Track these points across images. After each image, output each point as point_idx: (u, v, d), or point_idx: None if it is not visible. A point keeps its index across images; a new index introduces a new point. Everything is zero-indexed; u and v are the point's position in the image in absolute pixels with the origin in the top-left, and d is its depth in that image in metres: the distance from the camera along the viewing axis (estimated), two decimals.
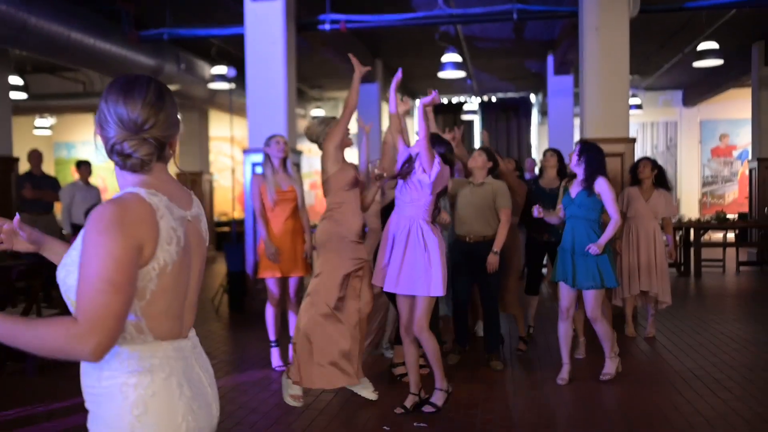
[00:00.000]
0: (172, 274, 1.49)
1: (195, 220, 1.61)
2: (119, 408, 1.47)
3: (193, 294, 1.62)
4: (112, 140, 1.50)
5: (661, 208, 6.01)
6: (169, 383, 1.50)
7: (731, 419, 3.90)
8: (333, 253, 4.15)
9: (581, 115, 7.35)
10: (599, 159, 4.62)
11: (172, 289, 1.51)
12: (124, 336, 1.47)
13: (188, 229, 1.56)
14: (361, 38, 10.59)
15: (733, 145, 15.69)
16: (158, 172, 1.56)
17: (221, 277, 8.48)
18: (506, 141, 16.04)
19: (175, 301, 1.54)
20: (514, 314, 5.91)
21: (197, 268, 1.62)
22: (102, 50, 8.21)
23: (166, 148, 1.57)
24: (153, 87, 1.53)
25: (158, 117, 1.51)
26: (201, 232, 1.63)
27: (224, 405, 4.24)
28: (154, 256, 1.45)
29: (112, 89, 1.52)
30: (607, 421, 3.96)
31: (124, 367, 1.48)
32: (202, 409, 1.57)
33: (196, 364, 1.61)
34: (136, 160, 1.50)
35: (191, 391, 1.54)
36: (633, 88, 13.93)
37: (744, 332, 6.22)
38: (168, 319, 1.53)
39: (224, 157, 16.80)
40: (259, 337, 6.17)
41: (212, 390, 1.65)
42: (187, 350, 1.59)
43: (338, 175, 4.17)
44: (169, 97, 1.56)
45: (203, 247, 1.65)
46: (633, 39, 7.19)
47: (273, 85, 7.44)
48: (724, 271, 10.70)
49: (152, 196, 1.48)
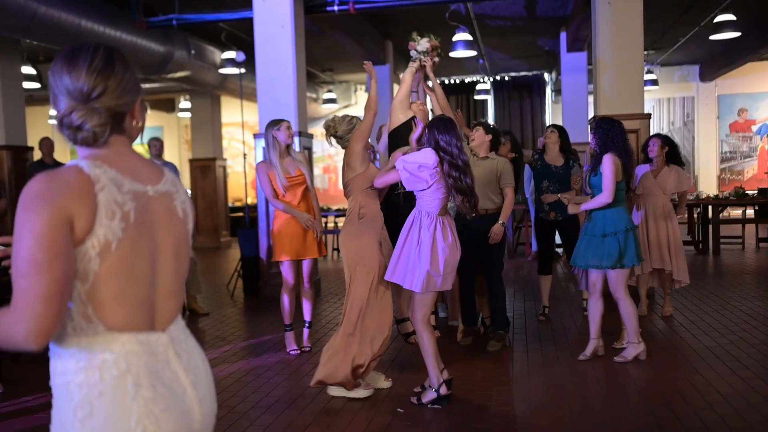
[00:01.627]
0: (119, 255, 1.33)
1: (162, 196, 1.46)
2: (64, 409, 1.34)
3: (168, 280, 1.45)
4: (60, 113, 1.38)
5: (672, 183, 5.88)
6: (121, 382, 1.32)
7: (750, 397, 3.85)
8: (368, 253, 4.09)
9: (594, 92, 7.24)
10: (610, 134, 4.56)
11: (125, 271, 1.35)
12: (73, 326, 1.33)
13: (150, 205, 1.42)
14: (371, 20, 10.49)
15: (752, 120, 15.42)
16: (117, 146, 1.43)
17: (236, 262, 8.50)
18: (519, 120, 15.88)
19: (132, 285, 1.37)
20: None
21: (168, 250, 1.45)
22: (112, 38, 8.19)
23: (125, 118, 1.44)
24: (101, 53, 1.40)
25: (107, 84, 1.38)
26: (173, 210, 1.48)
27: (239, 389, 4.31)
28: (92, 232, 1.30)
29: (57, 60, 1.40)
30: (622, 400, 3.93)
31: (74, 361, 1.34)
32: (171, 412, 1.38)
33: (176, 360, 1.44)
34: (86, 132, 1.38)
35: (153, 392, 1.36)
36: (648, 63, 13.71)
37: (764, 310, 6.13)
38: (123, 307, 1.36)
39: (237, 143, 16.82)
40: (273, 321, 6.19)
41: (198, 391, 1.47)
42: (160, 345, 1.41)
43: (365, 175, 4.18)
44: (121, 63, 1.43)
45: (179, 227, 1.49)
46: (647, 13, 7.05)
47: (282, 68, 7.41)
48: (743, 248, 10.56)
49: (95, 168, 1.35)
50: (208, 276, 9.37)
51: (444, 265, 3.80)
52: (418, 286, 3.79)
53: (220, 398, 4.14)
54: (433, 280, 3.80)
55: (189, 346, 1.51)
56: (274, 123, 5.08)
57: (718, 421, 3.51)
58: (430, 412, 3.81)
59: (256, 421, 3.75)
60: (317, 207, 5.20)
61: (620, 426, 3.55)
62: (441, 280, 3.82)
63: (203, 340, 5.85)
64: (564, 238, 5.95)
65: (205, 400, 1.50)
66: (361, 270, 4.05)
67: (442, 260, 3.79)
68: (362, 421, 3.71)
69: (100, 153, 1.41)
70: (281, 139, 5.03)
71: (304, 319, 5.28)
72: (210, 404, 1.52)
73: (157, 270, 1.43)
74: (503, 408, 3.86)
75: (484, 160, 5.21)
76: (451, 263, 3.83)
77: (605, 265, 4.55)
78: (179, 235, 1.49)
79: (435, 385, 3.89)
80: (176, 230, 1.49)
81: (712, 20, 9.62)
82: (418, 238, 3.83)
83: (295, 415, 3.84)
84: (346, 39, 9.81)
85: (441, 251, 3.79)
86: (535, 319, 6.05)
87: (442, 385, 3.88)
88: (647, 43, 11.69)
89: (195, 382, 1.47)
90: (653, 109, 15.40)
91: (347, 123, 4.35)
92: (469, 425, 3.61)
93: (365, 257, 4.06)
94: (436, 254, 3.78)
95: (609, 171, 4.50)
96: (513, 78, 15.74)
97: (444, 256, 3.79)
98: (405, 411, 3.83)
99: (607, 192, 4.51)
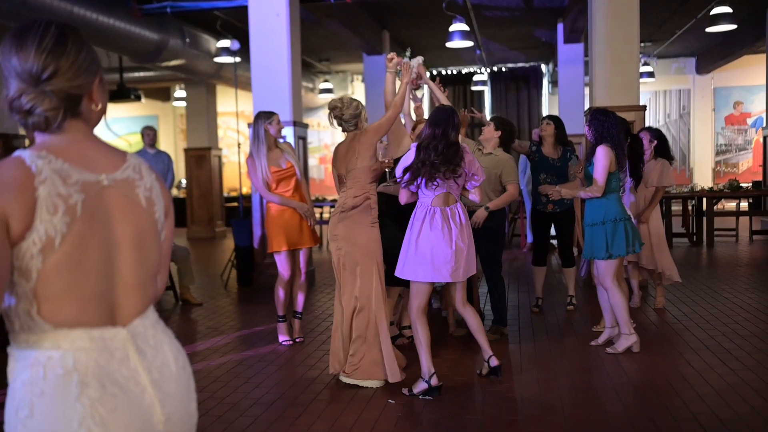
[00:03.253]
0: (65, 250, 1.26)
1: (119, 184, 1.37)
2: (8, 408, 1.27)
3: (129, 273, 1.37)
4: (9, 96, 1.30)
5: (655, 177, 5.82)
6: (65, 380, 1.25)
7: (741, 389, 3.86)
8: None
9: (591, 84, 7.22)
10: (605, 125, 4.55)
11: (73, 266, 1.27)
12: (21, 323, 1.28)
13: (104, 195, 1.34)
14: (368, 9, 10.44)
15: (748, 113, 15.43)
16: (73, 132, 1.35)
17: (230, 253, 8.49)
18: (516, 111, 15.87)
19: (83, 280, 1.29)
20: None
21: (128, 241, 1.37)
22: (105, 25, 8.14)
23: (82, 101, 1.35)
24: (52, 30, 1.31)
25: (59, 64, 1.30)
26: (134, 199, 1.39)
27: (230, 380, 4.30)
28: (32, 229, 1.23)
29: (6, 38, 1.32)
30: (614, 392, 3.93)
31: (22, 359, 1.28)
32: (121, 413, 1.29)
33: (136, 357, 1.35)
34: (37, 117, 1.30)
35: (101, 392, 1.27)
36: (645, 56, 13.69)
37: (756, 302, 6.14)
38: (73, 303, 1.28)
39: (233, 132, 16.76)
40: (266, 311, 6.18)
41: (161, 390, 1.37)
42: (117, 341, 1.33)
43: (375, 168, 4.21)
44: (75, 41, 1.34)
45: (141, 216, 1.40)
46: (644, 5, 7.03)
47: (277, 57, 7.37)
48: (737, 241, 10.59)
49: (39, 159, 1.27)
50: (202, 266, 9.35)
51: (433, 256, 3.79)
52: (403, 273, 3.88)
53: (211, 389, 4.14)
54: (421, 269, 3.80)
55: (157, 342, 1.41)
56: (266, 115, 5.01)
57: (708, 413, 3.52)
58: (421, 404, 3.81)
59: (246, 411, 3.75)
60: (309, 196, 5.20)
61: (611, 418, 3.55)
62: (432, 270, 3.80)
63: (195, 330, 5.84)
64: (559, 230, 5.95)
65: (171, 400, 1.39)
66: (379, 259, 4.16)
67: (429, 250, 3.79)
68: (353, 411, 3.71)
69: (51, 140, 1.34)
70: (273, 133, 5.00)
71: (295, 310, 5.27)
72: (179, 404, 1.41)
73: (115, 263, 1.34)
74: (495, 399, 3.86)
75: (488, 156, 5.15)
76: (442, 255, 3.80)
77: (597, 255, 4.57)
78: (142, 225, 1.40)
79: (426, 375, 3.89)
80: (138, 220, 1.39)
81: (708, 13, 9.61)
82: (411, 228, 3.89)
83: (286, 405, 3.84)
84: (343, 28, 9.77)
85: (427, 241, 3.80)
86: (528, 311, 6.05)
87: (433, 375, 3.88)
88: (644, 35, 11.69)
89: (159, 380, 1.37)
90: (649, 102, 15.39)
91: (354, 108, 4.28)
92: (460, 417, 3.61)
93: (380, 247, 4.19)
94: (424, 244, 3.80)
95: (601, 164, 4.50)
96: (510, 69, 15.72)
97: (432, 246, 3.79)
98: (396, 402, 3.83)
99: (599, 183, 4.51)
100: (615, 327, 4.79)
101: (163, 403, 1.37)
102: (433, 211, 3.85)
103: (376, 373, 4.09)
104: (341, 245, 4.20)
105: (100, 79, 1.40)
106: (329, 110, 4.33)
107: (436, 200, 3.86)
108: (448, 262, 3.82)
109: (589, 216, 4.64)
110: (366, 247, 4.13)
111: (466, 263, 3.90)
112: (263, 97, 7.29)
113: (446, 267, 3.82)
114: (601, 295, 4.83)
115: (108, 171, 1.37)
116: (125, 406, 1.30)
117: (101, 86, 1.41)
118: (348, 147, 4.25)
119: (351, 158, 4.20)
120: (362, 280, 4.13)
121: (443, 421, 3.56)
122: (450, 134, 3.83)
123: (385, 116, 4.18)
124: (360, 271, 4.13)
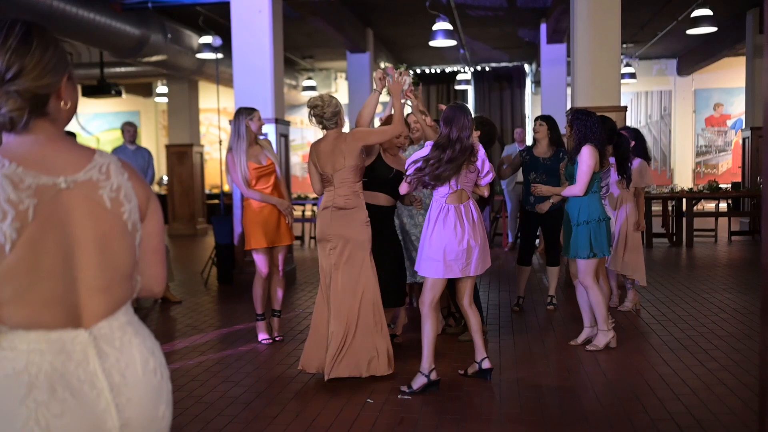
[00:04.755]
0: (17, 256, 1.25)
1: (80, 186, 1.35)
2: None
3: (92, 275, 1.34)
4: None
5: (635, 177, 5.77)
6: (13, 382, 1.24)
7: (717, 389, 3.90)
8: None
9: (572, 84, 7.25)
10: (587, 125, 4.57)
11: (26, 271, 1.26)
12: None
13: (61, 197, 1.32)
14: (351, 7, 10.41)
15: (728, 115, 15.60)
16: (39, 132, 1.34)
17: (210, 250, 8.42)
18: (500, 111, 15.92)
19: (38, 284, 1.28)
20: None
21: (89, 243, 1.34)
22: (85, 20, 8.03)
23: (49, 101, 1.34)
24: (17, 29, 1.30)
25: (23, 63, 1.28)
26: (97, 200, 1.36)
27: (208, 378, 4.27)
28: None
29: None
30: (591, 391, 3.95)
31: None
32: (68, 417, 1.27)
33: (96, 360, 1.33)
34: (2, 118, 1.29)
35: (49, 395, 1.25)
36: (627, 57, 13.79)
37: (733, 302, 6.21)
38: (27, 307, 1.27)
39: (215, 129, 16.65)
40: (246, 309, 6.15)
41: (120, 395, 1.34)
42: (77, 343, 1.31)
43: (361, 165, 4.25)
44: (41, 40, 1.32)
45: (105, 218, 1.37)
46: (626, 6, 7.07)
47: (259, 54, 7.32)
48: (716, 241, 10.70)
49: None
50: (182, 263, 9.28)
51: (445, 252, 3.87)
52: (419, 268, 3.98)
53: (189, 387, 4.10)
54: (434, 266, 3.90)
55: (125, 344, 1.38)
56: (247, 111, 4.97)
57: (684, 413, 3.55)
58: (399, 403, 3.80)
59: (224, 411, 3.72)
60: (287, 194, 5.18)
61: (589, 417, 3.57)
62: (443, 267, 3.88)
63: (174, 328, 5.79)
64: (545, 230, 5.98)
65: (131, 404, 1.35)
66: (371, 255, 4.21)
67: (441, 247, 3.87)
68: (332, 411, 3.69)
69: (13, 143, 1.33)
70: (254, 129, 4.97)
71: (274, 308, 5.24)
72: (141, 409, 1.38)
73: (75, 265, 1.33)
74: (473, 398, 3.86)
75: None
76: (453, 252, 3.88)
77: (580, 255, 4.59)
78: (106, 227, 1.37)
79: (426, 370, 3.94)
80: (101, 222, 1.36)
81: (689, 15, 9.68)
82: (427, 225, 4.00)
83: (264, 404, 3.81)
84: (326, 26, 9.73)
85: (439, 238, 3.89)
86: (508, 310, 6.07)
87: (433, 370, 3.94)
88: (626, 37, 11.76)
89: (120, 384, 1.34)
90: (631, 102, 15.51)
91: (335, 105, 4.29)
92: (439, 416, 3.61)
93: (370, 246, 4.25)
94: (437, 241, 3.89)
95: (586, 164, 4.52)
96: (494, 68, 15.76)
97: (444, 243, 3.88)
98: (375, 402, 3.82)
99: (581, 183, 4.53)
100: (594, 327, 4.83)
101: (121, 408, 1.34)
102: (447, 209, 3.93)
103: (390, 364, 4.20)
104: (336, 244, 4.20)
105: (68, 77, 1.38)
106: (310, 109, 4.31)
107: (450, 198, 3.94)
108: (459, 258, 3.90)
109: (573, 215, 4.66)
110: (363, 243, 4.20)
111: (478, 260, 3.97)
112: (245, 94, 7.24)
113: (457, 263, 3.91)
114: (580, 296, 4.85)
115: (69, 173, 1.35)
116: (74, 410, 1.28)
117: (70, 84, 1.39)
118: (333, 146, 4.23)
119: (338, 158, 4.20)
120: (363, 273, 4.18)
121: (422, 419, 3.56)
122: (464, 135, 3.90)
123: (384, 130, 4.22)
124: (361, 265, 4.18)
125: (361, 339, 4.14)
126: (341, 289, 4.16)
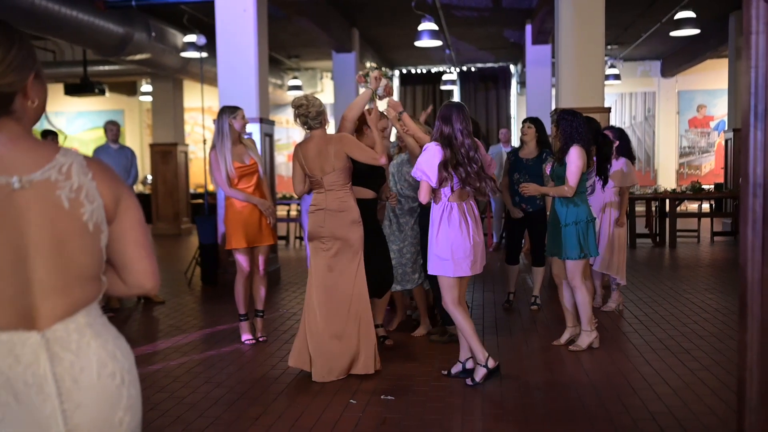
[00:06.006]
0: None
1: (36, 186, 1.31)
2: None
3: (47, 276, 1.32)
4: None
5: (617, 177, 5.82)
6: None
7: (698, 389, 3.92)
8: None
9: (557, 85, 7.28)
10: (573, 125, 4.58)
11: None
12: None
13: (14, 197, 1.29)
14: (337, 6, 10.39)
15: (711, 116, 15.73)
16: (2, 131, 1.32)
17: (195, 250, 8.37)
18: (485, 111, 15.96)
19: None
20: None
21: (45, 245, 1.31)
22: (68, 18, 7.96)
23: (14, 99, 1.32)
24: None
25: None
26: (54, 201, 1.32)
27: (190, 380, 4.24)
28: None
29: None
30: (573, 391, 3.96)
31: None
32: (10, 423, 1.25)
33: (47, 364, 1.30)
34: None
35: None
36: (611, 58, 13.87)
37: (715, 302, 6.26)
38: None
39: (200, 128, 16.55)
40: (230, 310, 6.11)
41: (69, 400, 1.31)
42: (27, 346, 1.28)
43: (350, 166, 4.28)
44: (6, 38, 1.30)
45: (62, 219, 1.33)
46: (610, 8, 7.10)
47: (244, 53, 7.29)
48: (698, 242, 10.78)
49: None
50: (166, 263, 9.22)
51: (453, 251, 3.90)
52: (430, 269, 4.01)
53: (171, 389, 4.07)
54: (443, 265, 3.93)
55: (82, 347, 1.34)
56: (230, 110, 4.95)
57: (665, 413, 3.57)
58: (382, 403, 3.79)
59: (206, 412, 3.69)
60: (270, 195, 5.16)
61: (571, 418, 3.58)
62: (453, 265, 3.91)
63: (157, 329, 5.75)
64: (530, 231, 6.00)
65: (81, 410, 1.31)
66: (362, 255, 4.25)
67: (448, 246, 3.90)
68: (315, 411, 3.67)
69: None
70: (237, 128, 4.94)
71: (257, 308, 5.22)
72: (92, 415, 1.33)
73: (29, 266, 1.30)
74: (456, 399, 3.86)
75: None
76: (461, 249, 3.91)
77: (571, 256, 4.59)
78: (63, 228, 1.33)
79: (482, 360, 3.99)
80: (57, 223, 1.33)
81: (673, 17, 9.76)
82: (431, 225, 4.02)
83: (247, 405, 3.79)
84: (312, 25, 9.70)
85: (446, 237, 3.91)
86: (493, 310, 6.08)
87: (489, 359, 3.99)
88: (610, 38, 11.84)
89: (71, 389, 1.31)
90: (615, 104, 15.60)
91: (319, 105, 4.32)
92: (421, 416, 3.61)
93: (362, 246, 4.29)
94: (443, 240, 3.92)
95: (575, 164, 4.52)
96: (479, 69, 15.79)
97: (451, 241, 3.90)
98: (358, 403, 3.81)
99: (572, 184, 4.53)
100: (576, 326, 4.85)
101: (68, 414, 1.30)
102: (450, 207, 3.95)
103: (376, 362, 4.24)
104: (330, 245, 4.20)
105: (36, 75, 1.36)
106: (295, 108, 4.31)
107: (453, 196, 3.96)
108: (467, 256, 3.94)
109: (562, 216, 4.65)
110: (356, 243, 4.23)
111: (482, 257, 4.05)
112: (230, 94, 7.21)
113: (466, 261, 3.95)
114: (564, 296, 4.87)
115: (25, 172, 1.32)
116: (16, 415, 1.25)
117: (38, 82, 1.36)
118: (320, 149, 4.23)
119: (326, 162, 4.20)
120: (356, 275, 4.20)
121: (404, 420, 3.55)
122: (465, 132, 3.94)
123: (368, 153, 4.19)
124: (354, 266, 4.20)
125: (349, 339, 4.15)
126: (333, 290, 4.17)
